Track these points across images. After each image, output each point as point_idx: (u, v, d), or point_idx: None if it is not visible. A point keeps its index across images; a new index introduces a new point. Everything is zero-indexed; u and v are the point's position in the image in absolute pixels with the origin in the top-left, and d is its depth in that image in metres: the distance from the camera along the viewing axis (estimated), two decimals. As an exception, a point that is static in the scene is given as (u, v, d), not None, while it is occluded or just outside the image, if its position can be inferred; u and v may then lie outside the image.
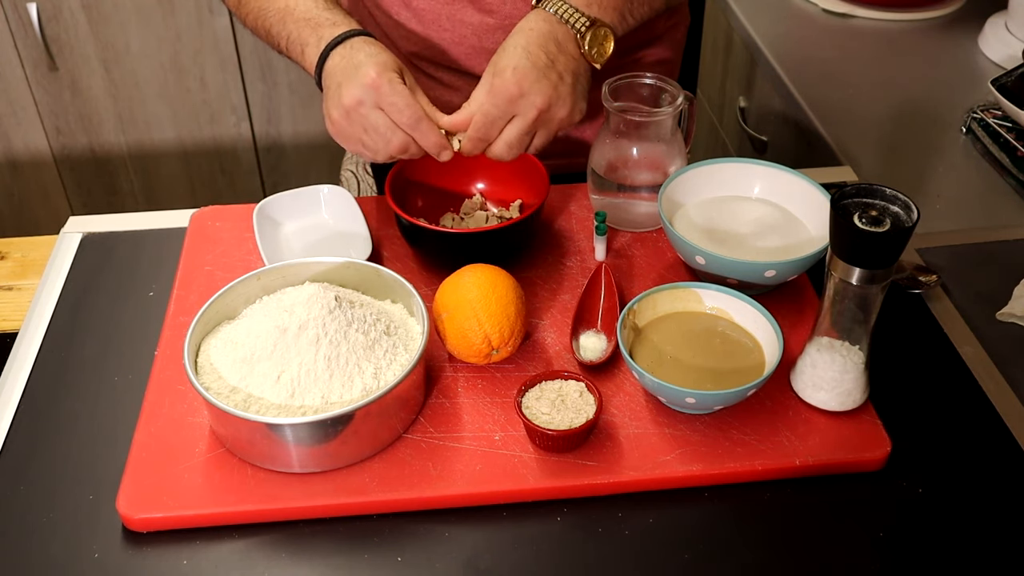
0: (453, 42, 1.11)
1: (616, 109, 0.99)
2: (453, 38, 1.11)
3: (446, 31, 1.11)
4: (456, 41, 1.11)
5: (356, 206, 1.06)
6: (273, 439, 0.79)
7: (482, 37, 1.10)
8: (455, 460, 0.82)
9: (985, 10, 1.56)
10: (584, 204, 1.09)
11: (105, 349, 0.95)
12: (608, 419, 0.85)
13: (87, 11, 1.99)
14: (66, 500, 0.81)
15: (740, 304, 0.89)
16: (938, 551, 0.78)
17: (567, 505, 0.80)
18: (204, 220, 1.08)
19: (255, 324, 0.84)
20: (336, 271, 0.91)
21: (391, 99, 0.89)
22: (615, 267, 1.01)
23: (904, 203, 0.77)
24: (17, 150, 2.16)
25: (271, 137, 2.24)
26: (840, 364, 0.83)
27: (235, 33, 2.05)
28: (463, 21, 1.09)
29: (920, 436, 0.86)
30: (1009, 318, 0.97)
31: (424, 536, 0.79)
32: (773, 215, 1.01)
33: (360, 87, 0.89)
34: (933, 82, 1.44)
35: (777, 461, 0.82)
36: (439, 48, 1.13)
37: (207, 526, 0.79)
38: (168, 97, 2.13)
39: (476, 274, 0.88)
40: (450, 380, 0.89)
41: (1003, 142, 1.25)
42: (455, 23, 1.10)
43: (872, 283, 0.78)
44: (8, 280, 1.35)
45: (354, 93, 0.89)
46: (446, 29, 1.11)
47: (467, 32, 1.10)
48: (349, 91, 0.90)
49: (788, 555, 0.78)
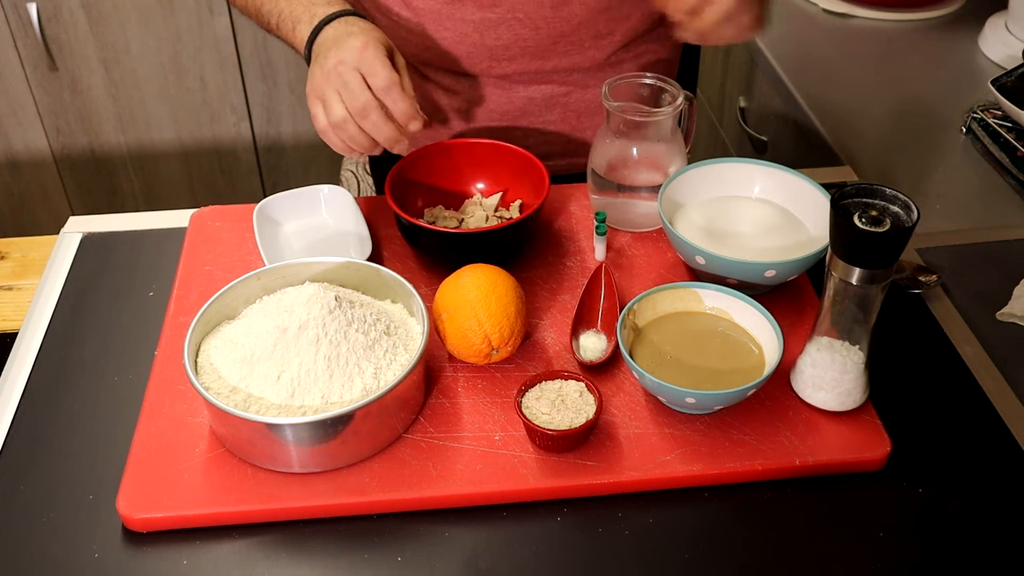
0: (454, 41, 1.11)
1: (616, 109, 0.99)
2: (454, 37, 1.11)
3: (447, 30, 1.11)
4: (457, 40, 1.11)
5: (356, 206, 1.06)
6: (273, 439, 0.79)
7: (484, 34, 1.10)
8: (455, 460, 0.82)
9: (985, 10, 1.56)
10: (584, 204, 1.09)
11: (105, 349, 0.95)
12: (608, 419, 0.85)
13: (87, 11, 1.99)
14: (66, 500, 0.81)
15: (740, 304, 0.89)
16: (938, 551, 0.78)
17: (567, 505, 0.80)
18: (204, 220, 1.08)
19: (255, 324, 0.84)
20: (336, 271, 0.91)
21: (370, 63, 0.90)
22: (615, 267, 1.01)
23: (904, 203, 0.77)
24: (17, 150, 2.16)
25: (271, 137, 2.24)
26: (840, 364, 0.83)
27: (235, 33, 2.05)
28: (464, 19, 1.09)
29: (920, 436, 0.86)
30: (1009, 318, 0.97)
31: (424, 536, 0.79)
32: (773, 215, 1.01)
33: (346, 50, 0.91)
34: (933, 82, 1.43)
35: (777, 461, 0.82)
36: (439, 49, 1.13)
37: (207, 526, 0.79)
38: (168, 97, 2.13)
39: (476, 274, 0.88)
40: (450, 380, 0.89)
41: (1003, 142, 1.25)
42: (456, 21, 1.10)
43: (872, 283, 0.78)
44: (8, 280, 1.35)
45: (339, 55, 0.91)
46: (447, 28, 1.11)
47: (468, 30, 1.10)
48: (335, 54, 0.91)
49: (788, 555, 0.78)
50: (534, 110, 1.18)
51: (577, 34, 1.11)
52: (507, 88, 1.16)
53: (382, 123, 0.90)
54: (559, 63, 1.13)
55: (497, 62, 1.13)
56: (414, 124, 0.92)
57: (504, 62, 1.13)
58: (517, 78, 1.15)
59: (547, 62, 1.13)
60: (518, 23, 1.09)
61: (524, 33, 1.10)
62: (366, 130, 0.91)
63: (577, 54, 1.13)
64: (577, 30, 1.10)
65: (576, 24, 1.10)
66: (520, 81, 1.15)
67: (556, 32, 1.10)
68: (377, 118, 0.90)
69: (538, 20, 1.09)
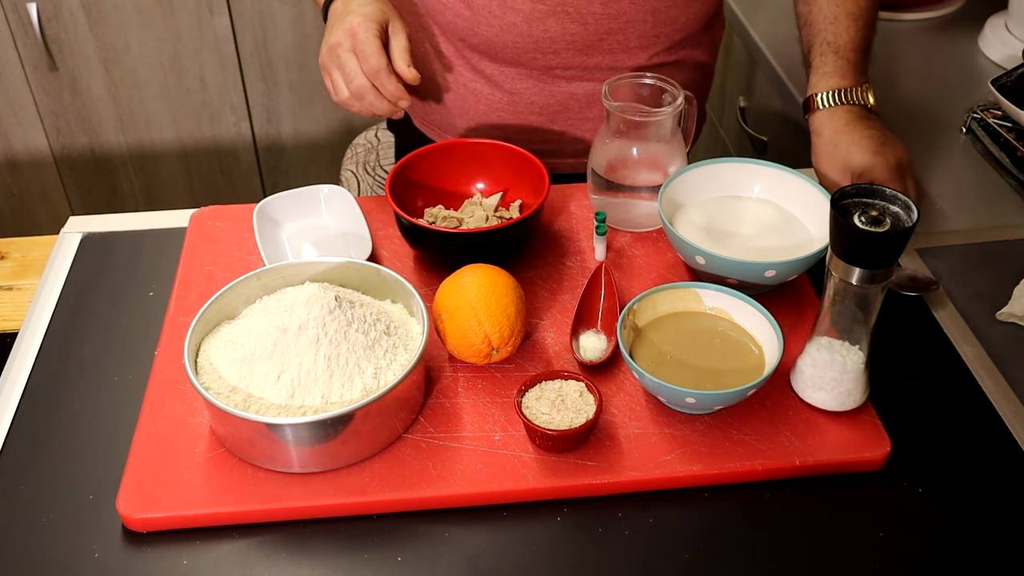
0: (502, 30, 1.11)
1: (616, 109, 0.99)
2: (503, 26, 1.11)
3: (496, 18, 1.11)
4: (505, 29, 1.11)
5: (356, 206, 1.06)
6: (273, 439, 0.79)
7: (532, 24, 1.10)
8: (455, 460, 0.82)
9: (985, 10, 1.55)
10: (584, 204, 1.09)
11: (105, 349, 0.95)
12: (608, 419, 0.85)
13: (87, 11, 1.99)
14: (66, 500, 0.81)
15: (740, 304, 0.89)
16: (938, 551, 0.78)
17: (567, 505, 0.80)
18: (204, 220, 1.08)
19: (255, 324, 0.84)
20: (336, 271, 0.91)
21: (362, 47, 1.00)
22: (615, 267, 1.01)
23: (904, 203, 0.77)
24: (17, 150, 2.16)
25: (271, 137, 2.24)
26: (840, 364, 0.83)
27: (235, 33, 2.05)
28: (514, 8, 1.10)
29: (920, 436, 0.86)
30: (1009, 318, 0.97)
31: (424, 536, 0.79)
32: (773, 215, 1.01)
33: (342, 31, 1.02)
34: (933, 82, 1.43)
35: (777, 461, 0.82)
36: (485, 37, 1.13)
37: (207, 526, 0.79)
38: (168, 97, 2.13)
39: (476, 274, 0.88)
40: (450, 380, 0.89)
41: (1003, 142, 1.25)
42: (506, 10, 1.10)
43: (872, 283, 0.78)
44: (8, 280, 1.35)
45: (336, 35, 1.02)
46: (496, 16, 1.11)
47: (517, 19, 1.10)
48: (334, 33, 1.03)
49: (788, 555, 0.78)
50: (574, 106, 1.18)
51: (624, 33, 1.12)
52: (549, 82, 1.16)
53: (377, 102, 1.01)
54: (603, 60, 1.14)
55: (542, 54, 1.13)
56: (403, 102, 1.02)
57: (549, 55, 1.13)
58: (560, 73, 1.15)
59: (591, 59, 1.14)
60: (567, 16, 1.10)
61: (572, 27, 1.10)
62: (364, 109, 1.03)
63: (623, 53, 1.14)
64: (624, 28, 1.11)
65: (624, 22, 1.11)
66: (563, 76, 1.16)
67: (603, 29, 1.11)
68: (372, 98, 1.01)
69: (587, 15, 1.09)
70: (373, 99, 1.01)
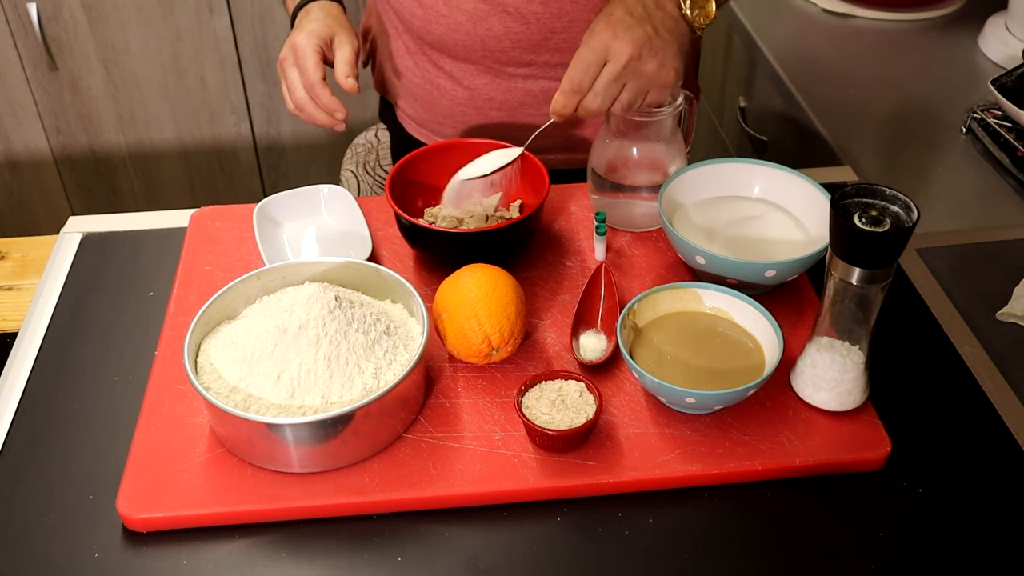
0: (450, 28, 1.12)
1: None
2: (450, 24, 1.12)
3: (443, 16, 1.11)
4: (453, 28, 1.12)
5: (356, 206, 1.06)
6: (273, 439, 0.79)
7: (476, 23, 1.10)
8: (455, 460, 0.82)
9: (985, 10, 1.56)
10: (584, 204, 1.09)
11: (105, 349, 0.95)
12: (608, 419, 0.85)
13: (87, 11, 1.99)
14: (66, 500, 0.81)
15: (740, 304, 0.89)
16: (938, 551, 0.78)
17: (567, 505, 0.80)
18: (204, 220, 1.08)
19: (255, 324, 0.84)
20: (336, 271, 0.91)
21: (302, 61, 1.06)
22: (615, 267, 1.01)
23: (904, 203, 0.77)
24: (17, 150, 2.16)
25: (271, 137, 2.24)
26: (840, 364, 0.83)
27: (235, 33, 2.05)
28: (459, 7, 1.10)
29: (920, 436, 0.86)
30: (1009, 318, 0.97)
31: (424, 536, 0.79)
32: (773, 215, 1.01)
33: (287, 47, 1.08)
34: (933, 82, 1.43)
35: (777, 461, 0.82)
36: (437, 36, 1.14)
37: (207, 526, 0.79)
38: (168, 97, 2.13)
39: (476, 274, 0.88)
40: (450, 380, 0.89)
41: (1003, 142, 1.25)
42: (451, 9, 1.10)
43: (872, 283, 0.78)
44: (8, 280, 1.35)
45: (283, 51, 1.09)
46: (443, 15, 1.11)
47: (462, 19, 1.11)
48: (286, 46, 1.09)
49: (788, 555, 0.78)
50: (531, 103, 1.18)
51: (569, 31, 1.11)
52: (505, 79, 1.16)
53: (316, 113, 1.06)
54: (552, 58, 1.14)
55: (491, 52, 1.13)
56: (338, 114, 1.05)
57: (497, 52, 1.13)
58: (513, 71, 1.16)
59: (540, 56, 1.13)
60: (508, 16, 1.09)
61: (515, 27, 1.10)
62: (308, 118, 1.07)
63: (570, 52, 1.13)
64: (569, 27, 1.11)
65: (567, 22, 1.10)
66: (517, 74, 1.16)
67: (547, 28, 1.11)
68: (311, 109, 1.06)
69: (528, 14, 1.09)
70: (312, 110, 1.05)
